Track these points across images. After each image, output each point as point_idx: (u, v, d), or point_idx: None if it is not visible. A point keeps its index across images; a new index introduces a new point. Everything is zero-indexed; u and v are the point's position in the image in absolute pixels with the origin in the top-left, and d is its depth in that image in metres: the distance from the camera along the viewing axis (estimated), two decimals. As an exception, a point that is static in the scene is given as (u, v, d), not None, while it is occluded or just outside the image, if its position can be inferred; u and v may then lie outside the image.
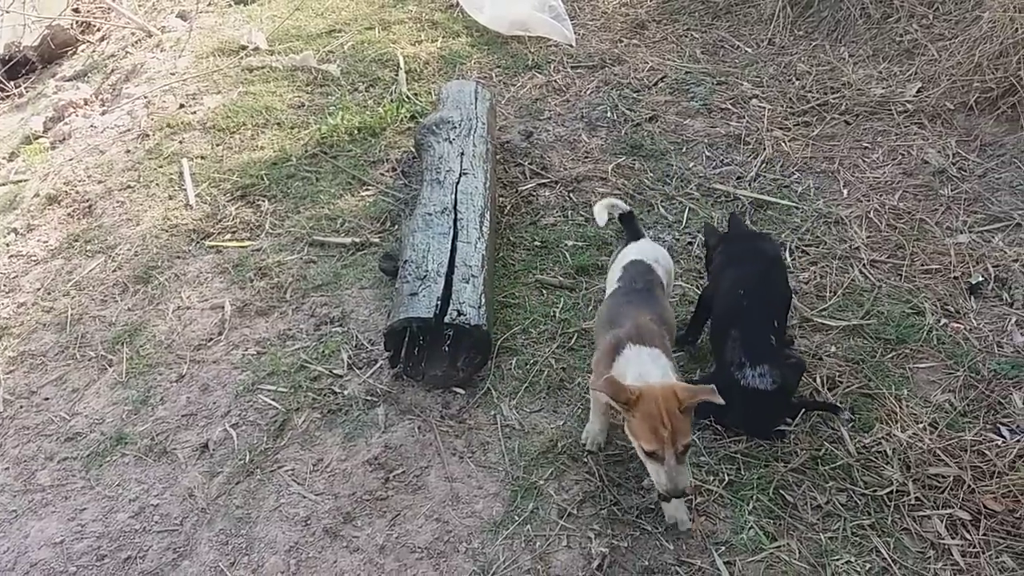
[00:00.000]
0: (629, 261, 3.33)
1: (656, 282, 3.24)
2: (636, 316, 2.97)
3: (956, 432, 3.26)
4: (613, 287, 3.29)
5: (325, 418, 3.39)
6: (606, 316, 3.13)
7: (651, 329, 2.92)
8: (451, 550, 2.91)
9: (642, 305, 3.06)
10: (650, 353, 2.82)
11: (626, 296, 3.17)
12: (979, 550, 2.84)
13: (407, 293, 3.50)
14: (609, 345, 2.91)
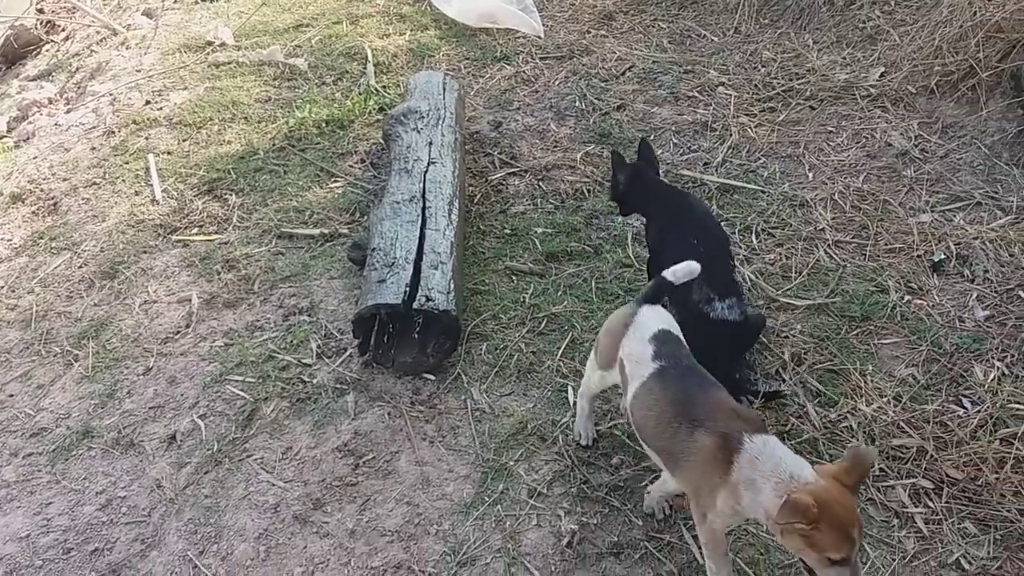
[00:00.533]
0: (659, 329, 2.70)
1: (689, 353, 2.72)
2: (719, 400, 2.48)
3: (919, 404, 3.31)
4: (650, 367, 2.61)
5: (294, 407, 3.39)
6: (668, 406, 2.50)
7: (752, 412, 2.56)
8: (422, 532, 2.91)
9: (708, 385, 2.55)
10: (775, 441, 2.33)
11: (682, 376, 2.58)
12: (941, 517, 2.89)
13: (375, 280, 3.50)
14: (714, 444, 2.34)
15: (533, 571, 2.78)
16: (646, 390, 2.58)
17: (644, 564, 2.80)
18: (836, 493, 2.14)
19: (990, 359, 3.52)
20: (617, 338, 2.74)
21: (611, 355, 2.79)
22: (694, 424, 2.39)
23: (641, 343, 2.66)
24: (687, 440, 2.39)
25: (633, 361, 2.65)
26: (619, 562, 2.80)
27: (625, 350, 2.68)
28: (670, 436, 2.45)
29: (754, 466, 2.25)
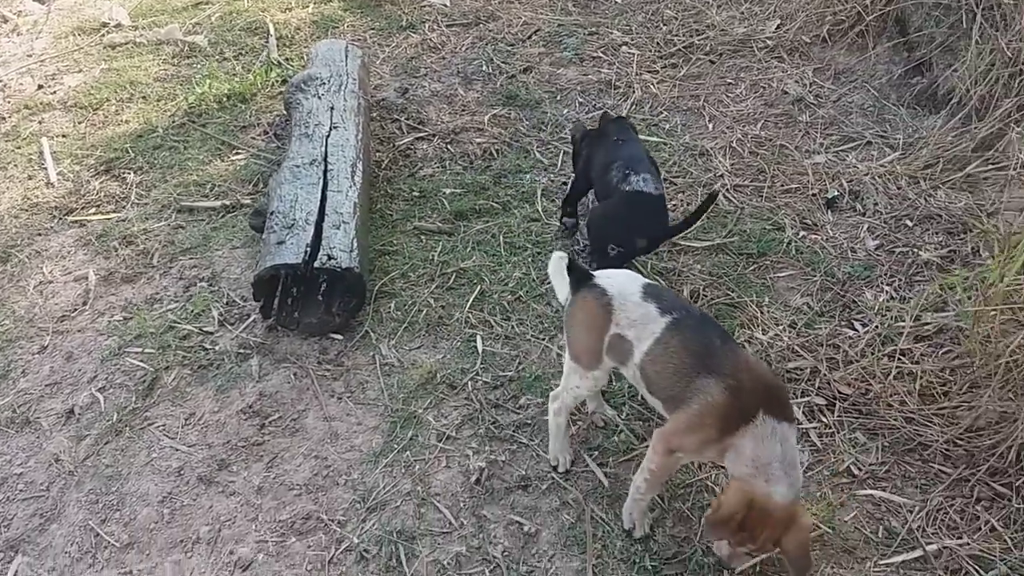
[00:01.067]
0: (643, 285, 2.61)
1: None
2: (750, 364, 2.39)
3: (813, 330, 3.44)
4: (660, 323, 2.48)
5: (196, 374, 3.34)
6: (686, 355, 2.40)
7: (779, 385, 2.42)
8: (330, 484, 2.91)
9: (732, 342, 2.45)
10: (783, 436, 2.27)
11: (700, 327, 2.45)
12: (834, 430, 3.01)
13: (274, 242, 3.46)
14: (728, 403, 2.29)
15: (443, 510, 2.80)
16: (662, 346, 2.46)
17: (551, 494, 2.84)
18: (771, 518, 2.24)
19: (879, 284, 3.66)
20: (601, 324, 2.58)
21: (599, 346, 2.61)
22: (713, 376, 2.33)
23: (639, 306, 2.53)
24: (702, 389, 2.33)
25: (636, 325, 2.52)
26: (527, 494, 2.85)
27: (622, 322, 2.54)
28: (685, 385, 2.38)
29: (755, 445, 2.27)
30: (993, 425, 2.83)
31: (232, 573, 2.64)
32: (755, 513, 2.23)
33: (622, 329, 2.55)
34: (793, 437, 2.30)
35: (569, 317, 2.74)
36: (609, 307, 2.57)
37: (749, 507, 2.23)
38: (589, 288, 2.64)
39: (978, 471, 2.75)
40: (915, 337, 3.31)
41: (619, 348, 2.58)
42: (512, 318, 3.58)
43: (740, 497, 2.25)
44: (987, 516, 2.65)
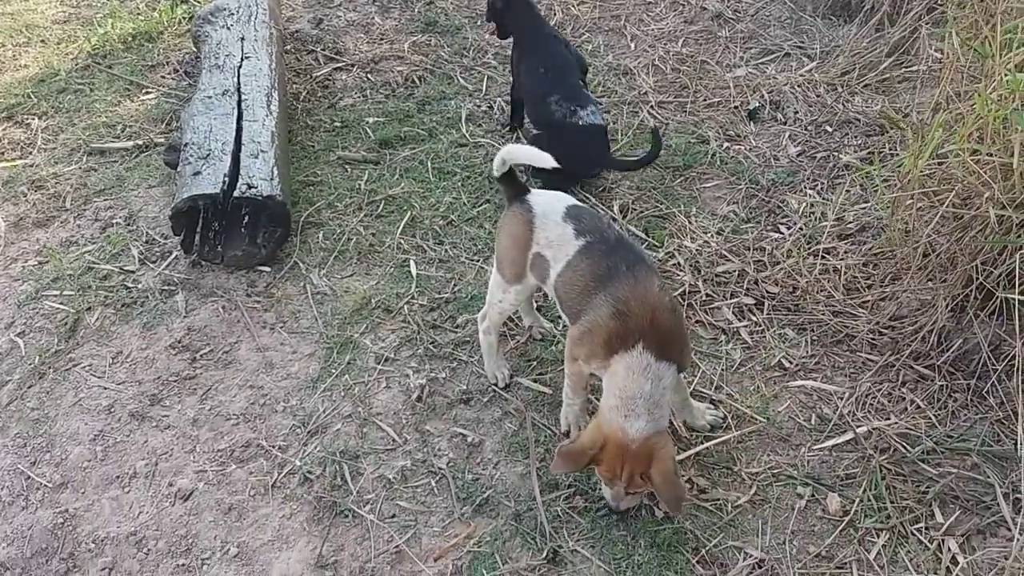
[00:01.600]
0: (567, 207, 2.59)
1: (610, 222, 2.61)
2: (645, 292, 2.34)
3: (740, 236, 3.50)
4: (574, 245, 2.49)
5: (120, 313, 3.22)
6: (590, 279, 2.42)
7: (667, 323, 2.32)
8: (268, 411, 2.86)
9: (641, 266, 2.40)
10: (656, 374, 2.27)
11: (610, 252, 2.43)
12: (764, 328, 3.08)
13: (190, 174, 3.34)
14: (613, 330, 2.31)
15: (385, 428, 2.79)
16: (571, 268, 2.49)
17: (493, 405, 2.86)
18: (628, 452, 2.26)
19: (803, 188, 3.74)
20: (524, 240, 2.59)
21: (522, 262, 2.63)
22: (608, 298, 2.35)
23: (558, 226, 2.54)
24: (595, 308, 2.38)
25: (554, 246, 2.54)
26: (469, 408, 2.85)
27: (541, 242, 2.56)
28: (585, 303, 2.43)
29: (625, 376, 2.28)
30: (914, 312, 2.93)
31: (173, 504, 2.59)
32: (610, 448, 2.26)
33: (542, 248, 2.57)
34: (669, 379, 2.30)
35: (499, 229, 2.75)
36: (531, 225, 2.58)
37: (604, 444, 2.27)
38: (519, 203, 2.64)
39: (902, 356, 2.86)
40: (838, 236, 3.40)
41: (539, 267, 2.60)
42: (445, 242, 3.55)
43: (596, 434, 2.30)
44: (912, 397, 2.77)
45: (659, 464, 2.25)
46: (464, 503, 2.57)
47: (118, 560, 2.49)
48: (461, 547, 2.46)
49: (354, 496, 2.60)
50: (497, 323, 2.85)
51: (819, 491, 2.54)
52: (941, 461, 2.57)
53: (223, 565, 2.45)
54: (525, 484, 2.61)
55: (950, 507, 2.45)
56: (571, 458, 2.31)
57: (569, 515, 2.53)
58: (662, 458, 2.26)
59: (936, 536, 2.38)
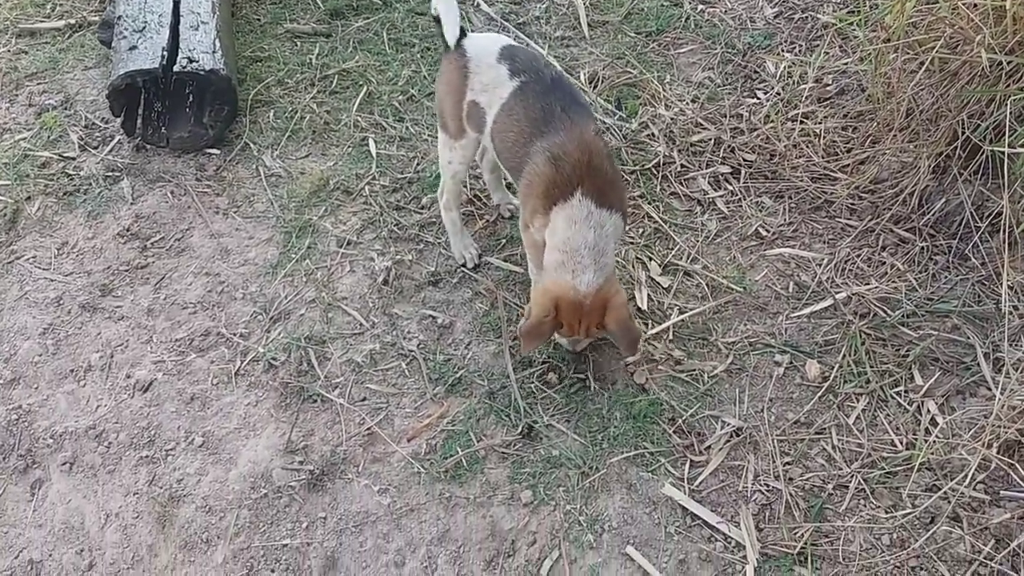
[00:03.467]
0: (502, 47, 2.41)
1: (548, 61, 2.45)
2: (579, 128, 2.21)
3: (716, 102, 3.34)
4: (508, 87, 2.33)
5: (62, 201, 3.03)
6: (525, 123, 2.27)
7: (605, 168, 2.21)
8: (227, 299, 2.73)
9: (577, 109, 2.26)
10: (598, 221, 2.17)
11: (545, 92, 2.27)
12: (740, 197, 2.97)
13: (125, 49, 3.08)
14: (550, 179, 2.18)
15: (352, 312, 2.68)
16: (506, 112, 2.32)
17: (462, 287, 2.75)
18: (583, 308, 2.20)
19: (780, 52, 3.56)
20: (459, 87, 2.43)
21: (458, 112, 2.46)
22: (542, 146, 2.22)
23: (491, 68, 2.36)
24: (531, 159, 2.25)
25: (488, 90, 2.37)
26: (438, 289, 2.74)
27: (476, 87, 2.39)
28: (522, 156, 2.28)
29: (567, 227, 2.17)
30: (895, 174, 2.84)
31: (132, 396, 2.49)
32: (564, 309, 2.20)
33: (476, 95, 2.41)
34: (611, 225, 2.20)
35: (437, 81, 2.60)
36: (466, 70, 2.41)
37: (556, 307, 2.20)
38: (455, 49, 2.46)
39: (882, 220, 2.78)
40: (817, 99, 3.26)
41: (476, 116, 2.45)
42: (405, 119, 3.35)
43: (546, 300, 2.21)
44: (892, 260, 2.70)
45: (613, 313, 2.22)
46: (436, 384, 2.50)
47: (78, 454, 2.40)
48: (435, 426, 2.40)
49: (322, 381, 2.51)
50: (455, 192, 2.69)
51: (797, 358, 2.50)
52: (921, 324, 2.53)
53: (188, 455, 2.38)
54: (498, 363, 2.54)
55: (930, 369, 2.42)
56: (534, 334, 2.26)
57: (543, 390, 2.47)
58: (616, 306, 2.22)
59: (916, 398, 2.36)
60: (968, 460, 2.16)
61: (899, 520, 2.13)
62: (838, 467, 2.25)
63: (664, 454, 2.29)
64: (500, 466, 2.31)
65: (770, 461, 2.27)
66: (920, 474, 2.19)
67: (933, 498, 2.14)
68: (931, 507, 2.14)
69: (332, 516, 2.25)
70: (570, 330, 2.26)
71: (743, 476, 2.25)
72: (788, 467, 2.26)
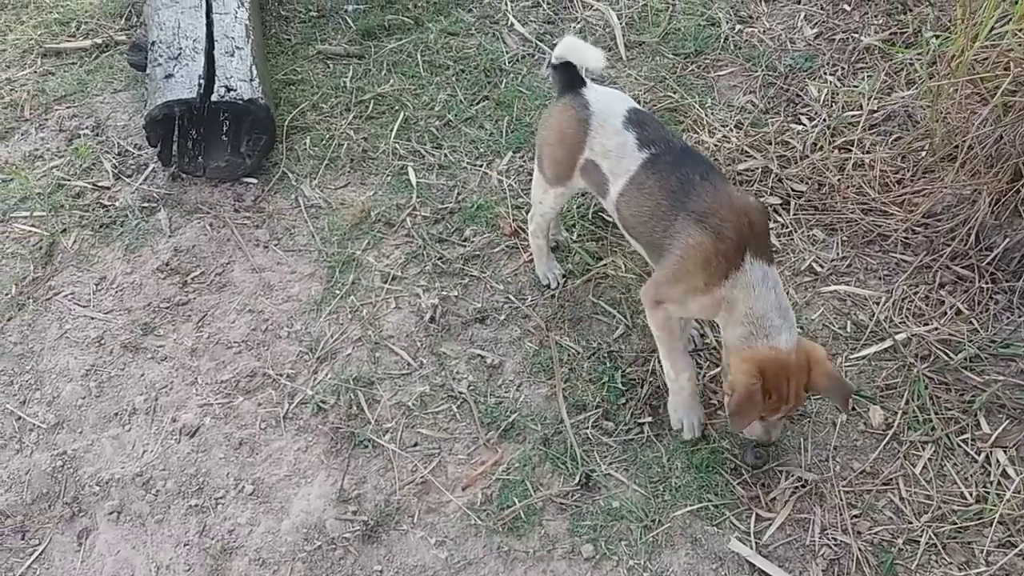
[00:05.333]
0: (628, 110, 2.31)
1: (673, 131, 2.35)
2: (725, 192, 2.10)
3: (760, 128, 3.28)
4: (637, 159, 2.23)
5: (99, 234, 2.97)
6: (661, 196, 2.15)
7: (764, 223, 2.11)
8: (272, 337, 2.68)
9: (715, 174, 2.16)
10: (773, 281, 2.05)
11: (678, 163, 2.18)
12: (792, 229, 2.91)
13: (161, 77, 3.02)
14: (712, 246, 2.04)
15: (399, 351, 2.62)
16: (636, 185, 2.22)
17: (511, 323, 2.70)
18: (790, 368, 2.02)
19: (822, 75, 3.50)
20: (575, 141, 2.33)
21: (570, 164, 2.38)
22: (692, 216, 2.09)
23: (618, 134, 2.26)
24: (681, 232, 2.10)
25: (611, 157, 2.27)
26: (486, 327, 2.69)
27: (596, 148, 2.30)
28: (663, 230, 2.15)
29: (747, 296, 2.03)
30: (951, 208, 2.78)
31: (179, 441, 2.44)
32: (770, 373, 2.01)
33: (597, 156, 2.31)
34: (780, 279, 2.11)
35: (544, 120, 2.49)
36: (586, 126, 2.31)
37: (762, 372, 2.01)
38: (574, 96, 2.36)
39: (939, 256, 2.72)
40: (866, 126, 3.20)
41: (594, 178, 2.34)
42: (444, 145, 3.29)
43: (749, 369, 2.02)
44: (952, 300, 2.64)
45: (820, 367, 2.05)
46: (488, 428, 2.45)
47: (126, 502, 2.35)
48: (490, 475, 2.35)
49: (372, 425, 2.46)
50: (542, 226, 2.64)
51: (859, 403, 2.45)
52: (985, 368, 2.47)
53: (239, 504, 2.33)
54: (551, 406, 2.49)
55: (996, 416, 2.37)
56: (746, 406, 2.02)
57: (598, 438, 2.42)
58: (821, 359, 2.06)
59: (984, 447, 2.30)
60: (1043, 515, 2.11)
61: (973, 578, 2.08)
62: (907, 520, 2.20)
63: (729, 507, 2.24)
64: (559, 518, 2.26)
65: (837, 514, 2.22)
66: (994, 530, 2.14)
67: (1009, 556, 2.09)
68: (1006, 565, 2.09)
69: (388, 570, 2.20)
70: (778, 398, 2.04)
71: (810, 529, 2.20)
72: (856, 520, 2.21)
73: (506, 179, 3.14)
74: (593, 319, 2.71)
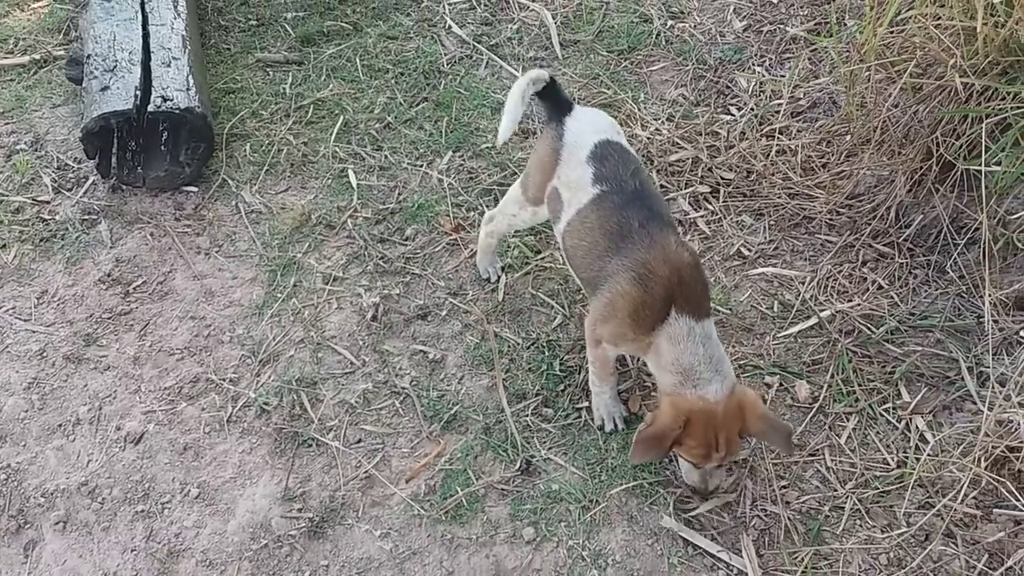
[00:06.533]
0: (596, 143, 2.30)
1: (643, 171, 2.32)
2: (660, 244, 2.09)
3: (691, 120, 3.37)
4: (589, 193, 2.24)
5: (39, 248, 2.98)
6: (600, 235, 2.18)
7: (696, 279, 2.10)
8: (214, 343, 2.71)
9: (656, 222, 2.14)
10: (703, 334, 2.05)
11: (624, 205, 2.17)
12: (721, 216, 3.01)
13: (97, 90, 3.03)
14: (640, 298, 2.07)
15: (342, 351, 2.67)
16: (581, 218, 2.23)
17: (452, 319, 2.75)
18: (716, 417, 2.01)
19: (751, 66, 3.60)
20: (548, 168, 2.35)
21: (542, 187, 2.39)
22: (625, 262, 2.10)
23: (579, 166, 2.27)
24: (614, 276, 2.12)
25: (571, 188, 2.28)
26: (427, 323, 2.74)
27: (561, 177, 2.31)
28: (598, 269, 2.17)
29: (672, 348, 2.04)
30: (872, 189, 2.89)
31: (124, 448, 2.46)
32: (696, 421, 2.00)
33: (560, 185, 2.33)
34: (714, 331, 2.10)
35: (535, 144, 2.53)
36: (557, 155, 2.33)
37: (687, 420, 2.00)
38: (556, 124, 2.37)
39: (861, 236, 2.83)
40: (791, 114, 3.30)
41: (554, 204, 2.36)
42: (384, 147, 3.34)
43: (674, 412, 2.02)
44: (873, 276, 2.75)
45: (753, 412, 2.02)
46: (431, 421, 2.50)
47: (72, 512, 2.36)
48: (433, 466, 2.40)
49: (316, 424, 2.50)
50: (502, 233, 2.71)
51: (787, 379, 2.54)
52: (905, 340, 2.58)
53: (185, 507, 2.35)
54: (492, 397, 2.55)
55: (916, 385, 2.47)
56: (653, 443, 2.03)
57: (538, 424, 2.48)
58: (752, 404, 2.03)
59: (904, 415, 2.40)
60: (959, 476, 2.21)
61: (895, 539, 2.17)
62: (833, 488, 2.29)
63: (662, 484, 2.32)
64: (500, 504, 2.32)
65: (766, 486, 2.30)
66: (913, 492, 2.24)
67: (927, 516, 2.18)
68: (925, 525, 2.19)
69: (334, 564, 2.24)
70: (705, 447, 2.02)
71: (741, 502, 2.28)
72: (784, 490, 2.29)
73: (447, 178, 3.19)
74: (532, 311, 2.77)
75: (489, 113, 3.42)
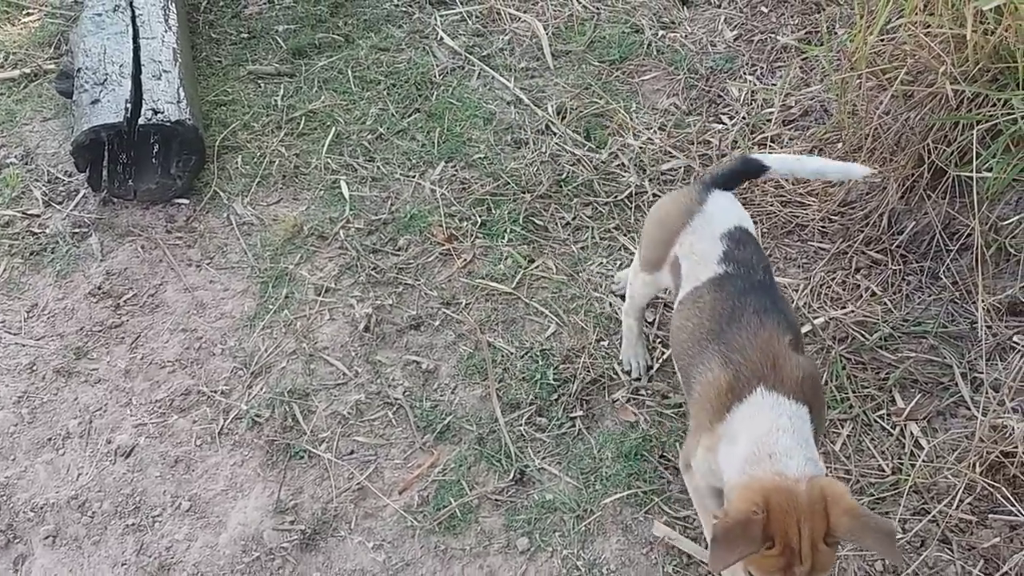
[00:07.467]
0: (737, 226, 2.09)
1: (768, 266, 2.09)
2: (768, 339, 1.84)
3: (683, 129, 3.38)
4: (711, 270, 2.03)
5: (29, 261, 2.96)
6: (707, 320, 1.94)
7: (795, 369, 1.80)
8: (206, 355, 2.69)
9: (772, 316, 1.89)
10: (790, 411, 1.74)
11: (743, 293, 1.94)
12: (714, 224, 3.00)
13: (87, 103, 3.03)
14: (725, 382, 1.80)
15: (334, 362, 2.66)
16: (694, 296, 2.01)
17: (445, 329, 2.74)
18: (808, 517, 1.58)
19: (742, 75, 3.61)
20: (673, 230, 2.13)
21: (662, 252, 2.17)
22: (722, 350, 1.85)
23: (710, 240, 2.05)
24: (707, 364, 1.87)
25: (694, 260, 2.06)
26: (420, 333, 2.74)
27: (685, 246, 2.09)
28: (694, 356, 1.93)
29: (744, 427, 1.74)
30: (864, 196, 2.89)
31: (114, 462, 2.44)
32: (776, 505, 1.57)
33: (682, 252, 2.10)
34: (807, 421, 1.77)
35: (657, 204, 2.34)
36: (689, 216, 2.11)
37: (767, 503, 1.58)
38: (698, 188, 2.19)
39: (854, 243, 2.83)
40: (782, 122, 3.31)
41: (674, 273, 2.14)
42: (376, 158, 3.34)
43: (750, 493, 1.62)
44: (867, 283, 2.75)
45: (839, 504, 1.59)
46: (424, 432, 2.49)
47: (61, 526, 2.34)
48: (426, 476, 2.39)
49: (308, 436, 2.49)
50: (633, 308, 2.43)
51: (781, 387, 2.52)
52: (899, 346, 2.57)
53: (176, 521, 2.33)
54: (485, 407, 2.53)
55: (910, 391, 2.47)
56: (735, 539, 1.56)
57: (532, 434, 2.47)
58: (838, 495, 1.61)
59: (899, 422, 2.40)
60: (954, 482, 2.20)
61: (891, 546, 2.16)
62: (828, 496, 2.28)
63: (657, 492, 2.31)
64: (494, 514, 2.31)
65: (762, 494, 2.28)
66: (908, 498, 2.23)
67: (923, 522, 2.17)
68: (921, 531, 2.18)
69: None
70: (785, 540, 1.57)
71: (736, 510, 2.26)
72: (780, 498, 2.27)
73: (439, 188, 3.19)
74: (526, 320, 2.77)
75: (481, 124, 3.43)
